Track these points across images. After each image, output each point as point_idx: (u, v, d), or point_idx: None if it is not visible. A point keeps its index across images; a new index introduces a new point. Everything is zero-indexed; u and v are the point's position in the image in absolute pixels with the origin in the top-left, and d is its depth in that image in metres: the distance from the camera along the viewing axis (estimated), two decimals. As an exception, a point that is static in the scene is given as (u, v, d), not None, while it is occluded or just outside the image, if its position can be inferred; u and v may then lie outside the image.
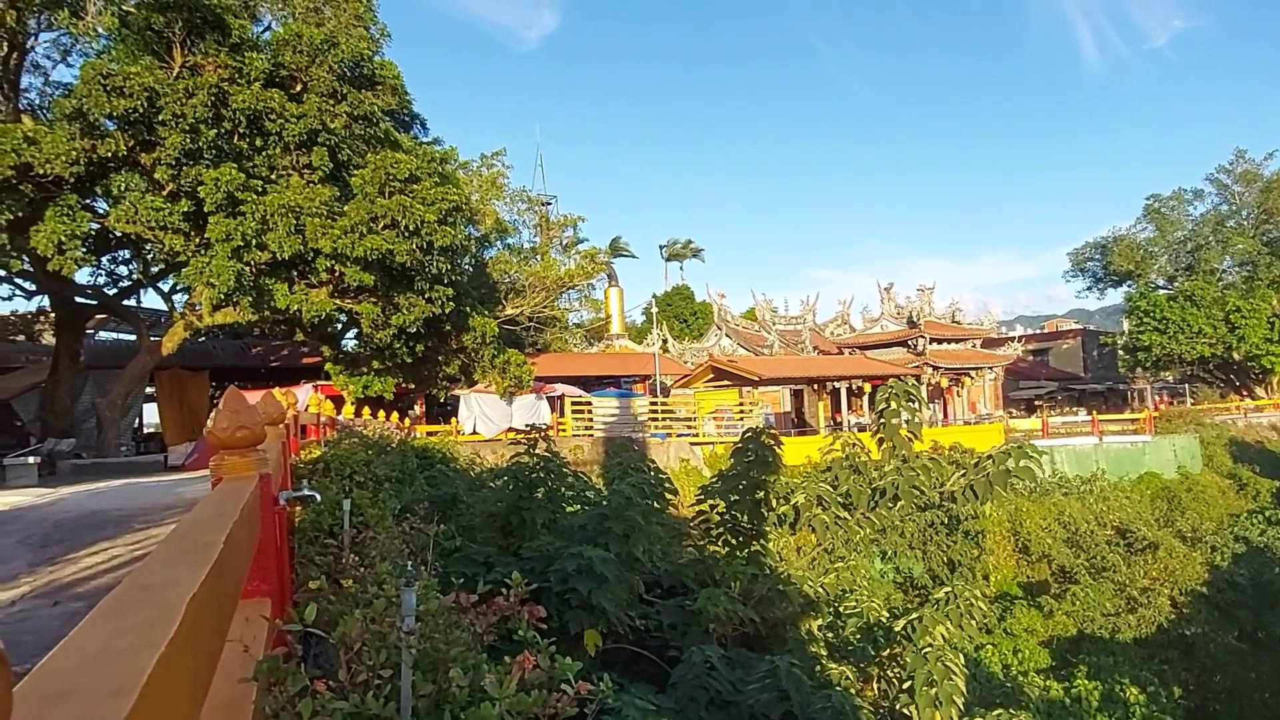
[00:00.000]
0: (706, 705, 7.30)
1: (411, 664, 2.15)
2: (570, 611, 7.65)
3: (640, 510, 8.36)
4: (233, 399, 2.96)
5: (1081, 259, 58.61)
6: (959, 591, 8.66)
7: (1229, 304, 47.09)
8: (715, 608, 8.11)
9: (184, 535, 1.78)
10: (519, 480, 9.42)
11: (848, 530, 9.30)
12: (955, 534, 20.87)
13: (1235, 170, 52.19)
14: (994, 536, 24.28)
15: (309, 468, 7.62)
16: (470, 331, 25.31)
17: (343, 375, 24.85)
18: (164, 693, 0.94)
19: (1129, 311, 53.10)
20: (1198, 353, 47.83)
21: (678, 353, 46.84)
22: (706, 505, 9.59)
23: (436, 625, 2.27)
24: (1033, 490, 28.85)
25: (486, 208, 35.90)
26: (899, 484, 8.89)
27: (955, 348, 45.52)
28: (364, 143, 21.30)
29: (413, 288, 21.20)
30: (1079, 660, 18.38)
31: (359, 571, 3.88)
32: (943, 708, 6.86)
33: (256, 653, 2.10)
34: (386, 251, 19.51)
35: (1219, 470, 37.31)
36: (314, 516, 5.14)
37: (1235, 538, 28.85)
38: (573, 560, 7.63)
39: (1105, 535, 24.95)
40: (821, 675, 8.22)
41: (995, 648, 18.46)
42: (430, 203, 20.26)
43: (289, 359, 31.84)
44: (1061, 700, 15.64)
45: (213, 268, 18.26)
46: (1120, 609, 21.20)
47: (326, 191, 19.79)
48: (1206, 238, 52.13)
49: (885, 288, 49.31)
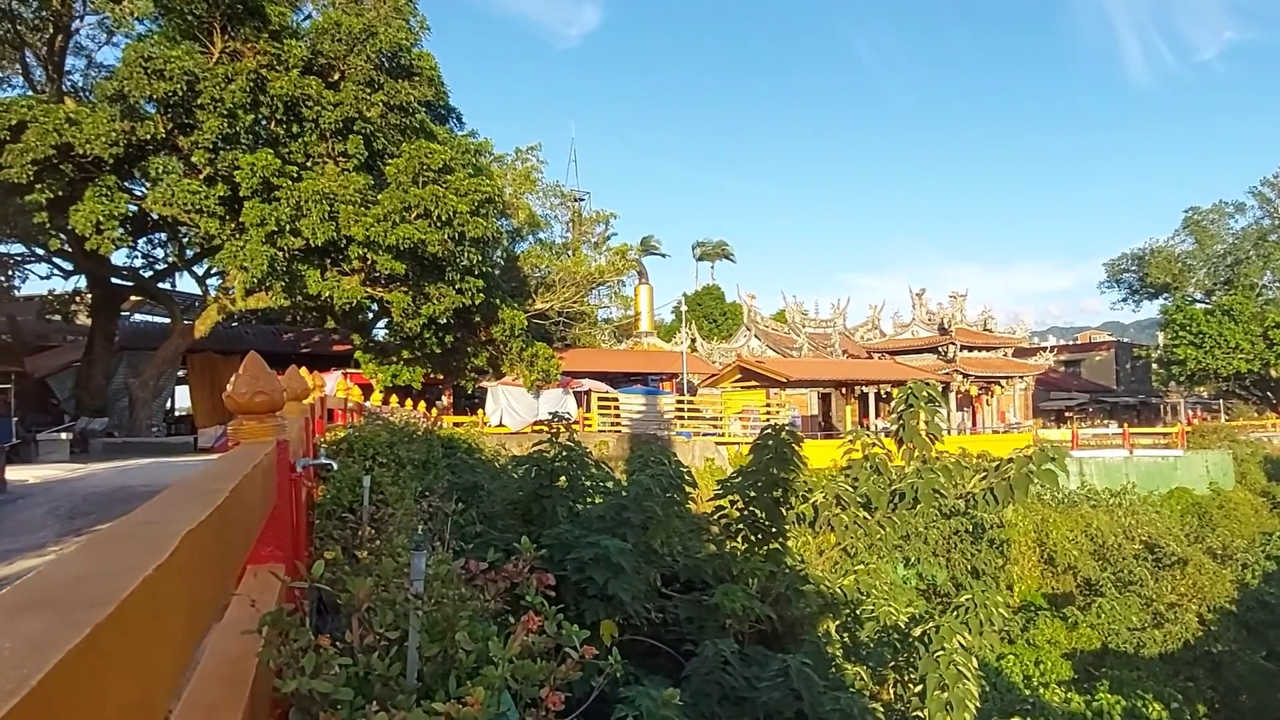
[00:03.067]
0: (719, 701, 7.25)
1: (419, 627, 2.14)
2: (586, 601, 7.64)
3: (659, 502, 8.33)
4: (253, 364, 2.97)
5: (1118, 270, 57.65)
6: (979, 599, 8.53)
7: (1269, 320, 46.03)
8: (732, 604, 8.06)
9: (191, 484, 1.79)
10: (541, 468, 9.43)
11: (868, 531, 9.20)
12: (980, 542, 20.60)
13: (1279, 184, 51.02)
14: (1019, 546, 23.93)
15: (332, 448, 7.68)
16: (499, 324, 25.44)
17: (372, 364, 25.09)
18: (146, 615, 0.92)
19: (1164, 324, 52.10)
20: (1234, 368, 46.82)
21: (706, 352, 46.73)
22: (725, 501, 9.53)
23: (446, 591, 2.26)
24: (1060, 501, 28.41)
25: (519, 201, 36.05)
26: (918, 486, 8.76)
27: (986, 356, 44.93)
28: (399, 132, 21.48)
29: (443, 278, 21.34)
30: (1102, 674, 18.05)
31: (375, 544, 3.90)
32: (954, 712, 6.76)
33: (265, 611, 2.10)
34: (419, 241, 19.66)
35: (1252, 488, 36.51)
36: (334, 493, 5.17)
37: (1267, 556, 28.17)
38: (590, 549, 7.61)
39: (1133, 549, 24.47)
40: (836, 676, 8.14)
41: (1017, 658, 18.18)
42: (463, 194, 20.38)
43: (320, 346, 32.21)
44: (1083, 713, 15.35)
45: (246, 252, 18.52)
46: (1146, 624, 20.81)
47: (361, 180, 19.99)
48: (1247, 252, 51.03)
49: (917, 293, 48.80)
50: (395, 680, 1.99)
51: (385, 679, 1.96)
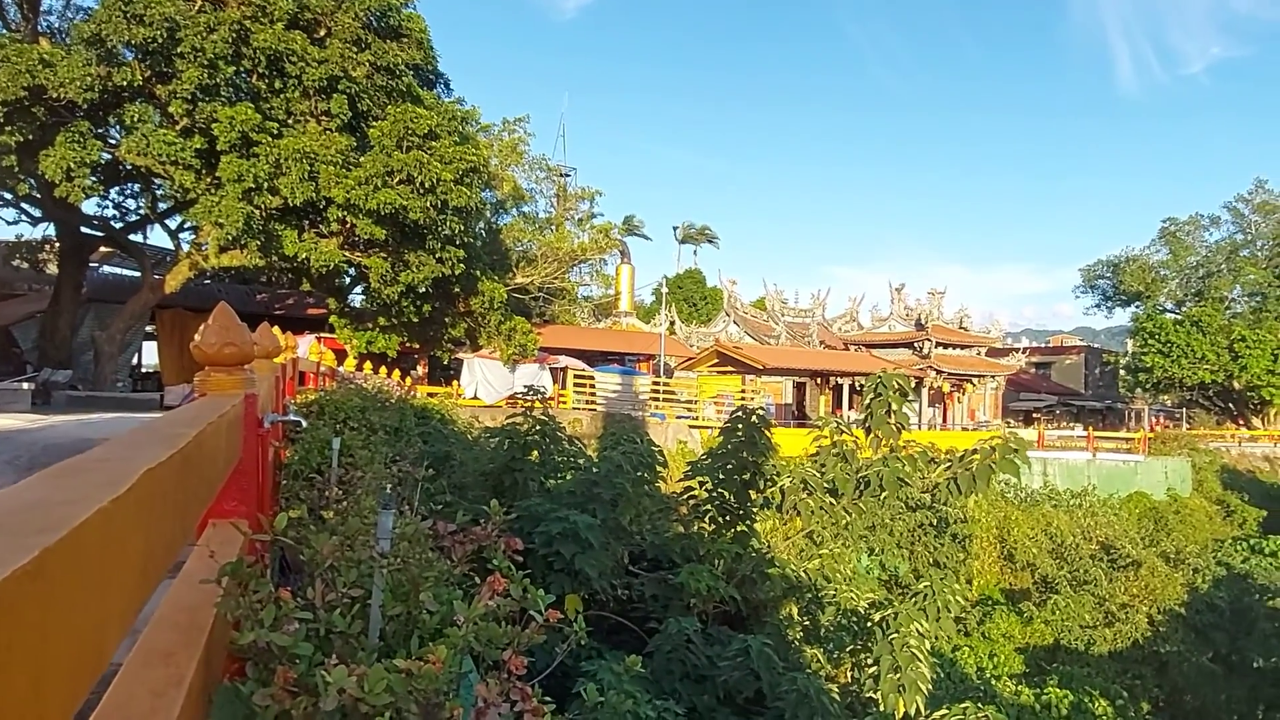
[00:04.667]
0: (681, 678, 7.32)
1: (383, 586, 2.12)
2: (553, 575, 7.65)
3: (630, 480, 8.34)
4: (223, 315, 2.91)
5: (1093, 275, 58.42)
6: (938, 587, 8.65)
7: (1235, 333, 46.95)
8: (698, 583, 8.11)
9: (154, 427, 1.74)
10: (514, 441, 9.40)
11: (834, 517, 9.28)
12: (943, 536, 20.85)
13: (1254, 200, 51.88)
14: (981, 542, 24.34)
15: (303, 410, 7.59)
16: (479, 296, 25.24)
17: (347, 329, 24.82)
18: (99, 547, 0.89)
19: (1134, 332, 52.97)
20: (1199, 378, 47.76)
21: (684, 335, 46.78)
22: (695, 482, 9.57)
23: (412, 551, 2.24)
24: (1023, 500, 28.91)
25: (505, 173, 35.70)
26: (883, 474, 8.86)
27: (960, 354, 45.43)
28: (385, 94, 21.12)
29: (424, 246, 21.11)
30: (1052, 669, 18.45)
31: (342, 505, 3.85)
32: (907, 694, 6.87)
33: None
34: (400, 207, 19.41)
35: (1208, 495, 37.39)
36: (303, 454, 5.11)
37: (1218, 562, 28.90)
38: (558, 524, 7.61)
39: (1090, 549, 24.98)
40: (795, 658, 8.24)
41: (972, 650, 18.54)
42: (448, 161, 20.12)
43: (294, 308, 31.80)
44: (1031, 706, 15.71)
45: (222, 208, 18.19)
46: (1098, 622, 21.28)
47: (343, 140, 19.67)
48: (1219, 265, 51.92)
49: (897, 288, 49.17)
50: (356, 638, 1.97)
51: (346, 636, 1.94)
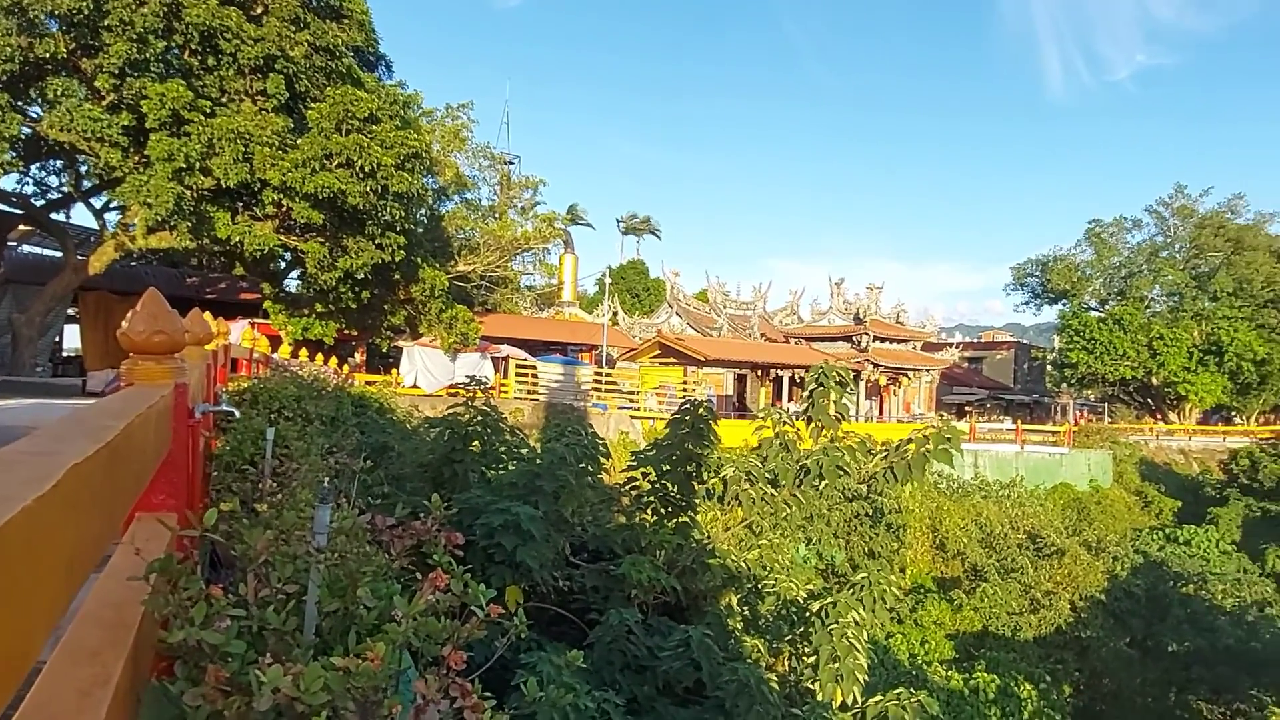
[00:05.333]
0: (621, 669, 7.35)
1: (319, 582, 2.08)
2: (493, 567, 7.59)
3: (573, 471, 8.32)
4: (152, 301, 2.81)
5: (1023, 273, 60.22)
6: (874, 578, 8.86)
7: (1154, 331, 48.97)
8: (639, 574, 8.15)
9: (80, 419, 1.68)
10: (454, 432, 9.28)
11: (774, 507, 9.42)
12: (878, 526, 21.38)
13: (1173, 204, 54.09)
14: (914, 532, 24.99)
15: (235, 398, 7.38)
16: (419, 283, 24.84)
17: (282, 315, 24.18)
18: (23, 547, 0.86)
19: (1061, 329, 54.82)
20: (1120, 374, 49.71)
21: (627, 326, 46.83)
22: (638, 473, 9.60)
23: (350, 546, 2.20)
24: (954, 491, 29.78)
25: (447, 159, 35.11)
26: (823, 463, 9.03)
27: (897, 348, 46.44)
28: (324, 76, 20.59)
29: (363, 232, 20.68)
30: (981, 654, 19.08)
31: (276, 498, 3.77)
32: (844, 683, 7.03)
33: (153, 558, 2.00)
34: (339, 191, 18.97)
35: (1127, 486, 39.07)
36: (235, 444, 4.97)
37: (1136, 550, 30.24)
38: (500, 515, 7.56)
39: (1017, 538, 25.88)
40: (735, 648, 8.35)
41: (904, 637, 19.05)
42: (389, 145, 19.73)
43: (226, 293, 30.84)
44: (961, 691, 16.24)
45: (151, 188, 17.52)
46: (1024, 609, 22.06)
47: (280, 121, 19.12)
48: (1140, 266, 54.04)
49: (836, 283, 49.93)
50: (292, 635, 1.93)
51: (281, 633, 1.90)
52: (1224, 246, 51.28)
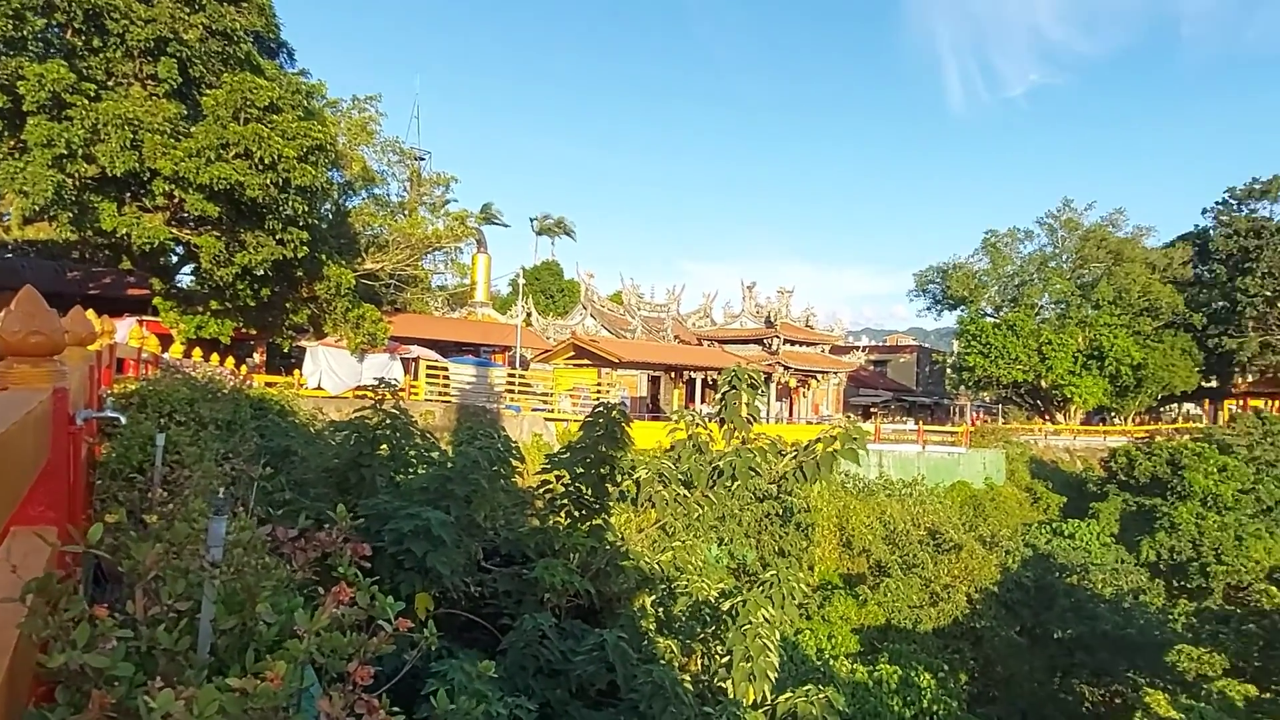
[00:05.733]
0: (534, 674, 7.27)
1: (215, 598, 1.96)
2: (402, 574, 7.39)
3: (485, 474, 8.19)
4: (28, 299, 2.61)
5: (924, 280, 62.69)
6: (784, 575, 9.04)
7: (1043, 337, 51.77)
8: (552, 578, 8.08)
9: (-57, 427, 1.53)
10: (361, 435, 9.00)
11: (687, 508, 9.50)
12: (788, 525, 21.84)
13: (1061, 216, 57.31)
14: (822, 530, 25.65)
15: (122, 401, 6.96)
16: (324, 281, 24.01)
17: (173, 312, 22.97)
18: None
19: (959, 334, 57.33)
20: (1012, 377, 52.32)
21: (541, 328, 46.51)
22: (551, 476, 9.53)
23: (248, 560, 2.09)
24: (860, 490, 30.73)
25: (354, 153, 34.10)
26: (736, 465, 9.17)
27: (806, 350, 47.64)
28: (221, 62, 19.68)
29: (263, 226, 19.85)
30: (884, 647, 19.72)
31: (167, 508, 3.56)
32: (756, 682, 7.14)
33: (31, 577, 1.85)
34: (236, 183, 18.15)
35: (1019, 484, 41.14)
36: (121, 450, 4.68)
37: (1026, 544, 31.91)
38: (409, 521, 7.37)
39: (919, 535, 26.88)
40: (649, 649, 8.38)
41: (813, 633, 19.52)
42: (291, 137, 19.01)
43: (111, 288, 29.10)
44: (865, 683, 16.75)
45: (28, 175, 16.39)
46: (924, 602, 22.93)
47: (172, 108, 18.18)
48: (1031, 275, 57.02)
49: (748, 286, 50.85)
50: (184, 655, 1.81)
51: (172, 653, 1.78)
52: (1105, 258, 54.65)
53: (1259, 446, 39.15)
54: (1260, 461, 37.93)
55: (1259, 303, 52.63)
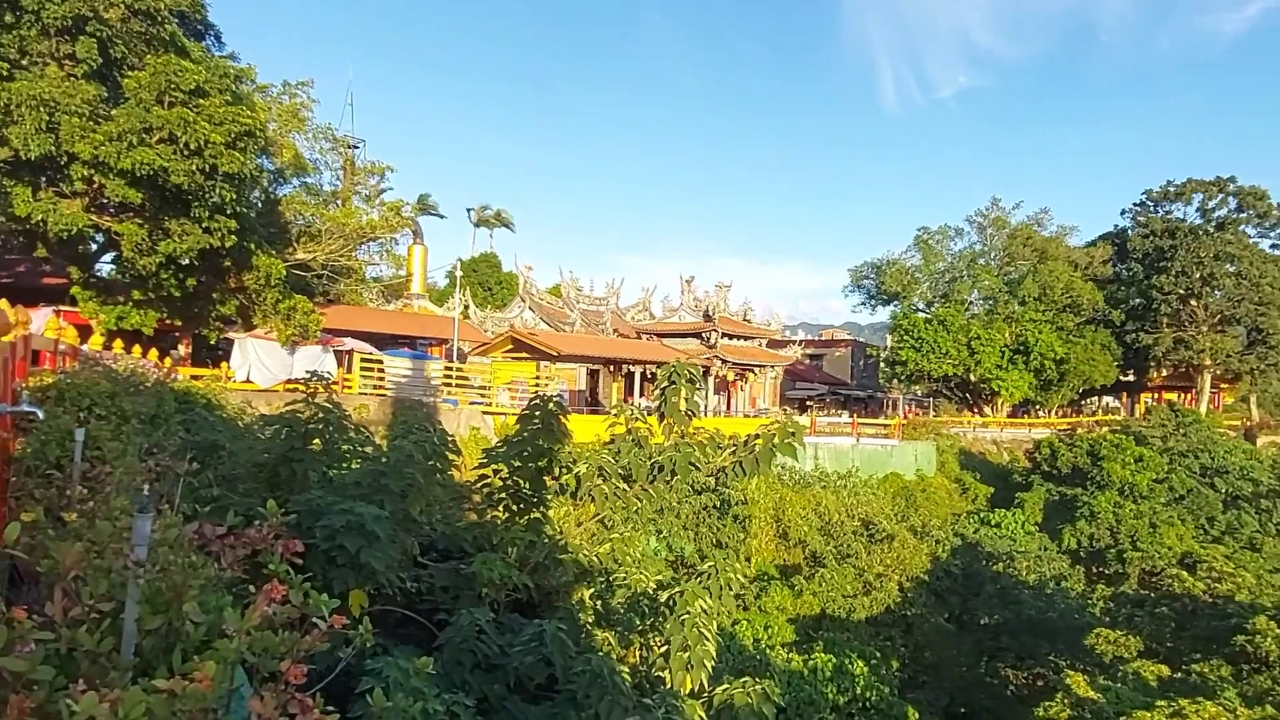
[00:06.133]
0: (472, 669, 7.22)
1: (139, 597, 1.91)
2: (336, 570, 7.25)
3: (421, 469, 8.08)
4: (-64, 287, 2.49)
5: (859, 276, 64.00)
6: (721, 566, 9.16)
7: (972, 331, 53.40)
8: (490, 572, 8.03)
9: None
10: (293, 429, 8.77)
11: (626, 501, 9.54)
12: (726, 518, 22.14)
13: (990, 215, 59.16)
14: (759, 522, 26.02)
15: (38, 395, 6.66)
16: (253, 271, 23.27)
17: (93, 302, 21.99)
18: None
19: (892, 329, 58.74)
20: (943, 371, 53.86)
21: (479, 320, 46.00)
22: (489, 470, 9.46)
23: (173, 558, 2.03)
24: (796, 482, 31.26)
25: (284, 140, 33.11)
26: (675, 459, 9.24)
27: (744, 344, 48.17)
28: (143, 42, 18.91)
29: (189, 214, 19.14)
30: (819, 636, 20.15)
31: (88, 506, 3.44)
32: (694, 671, 7.23)
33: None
34: (160, 168, 17.47)
35: (948, 475, 42.40)
36: (37, 446, 4.49)
37: (955, 533, 32.94)
38: (343, 516, 7.23)
39: (853, 526, 27.49)
40: (587, 641, 8.40)
41: (750, 623, 19.81)
42: (218, 122, 18.37)
43: (26, 277, 27.72)
44: (801, 671, 17.08)
45: (-67, 156, 15.51)
46: (858, 591, 23.48)
47: (91, 89, 17.41)
48: (961, 271, 58.74)
49: (687, 280, 51.14)
50: (107, 656, 1.76)
51: (95, 655, 1.73)
52: (1031, 256, 56.62)
53: (1172, 438, 41.14)
54: (1173, 452, 39.87)
55: (1173, 300, 55.22)
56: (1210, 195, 57.42)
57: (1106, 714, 14.63)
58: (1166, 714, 13.23)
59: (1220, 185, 57.05)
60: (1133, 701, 14.64)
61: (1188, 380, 60.30)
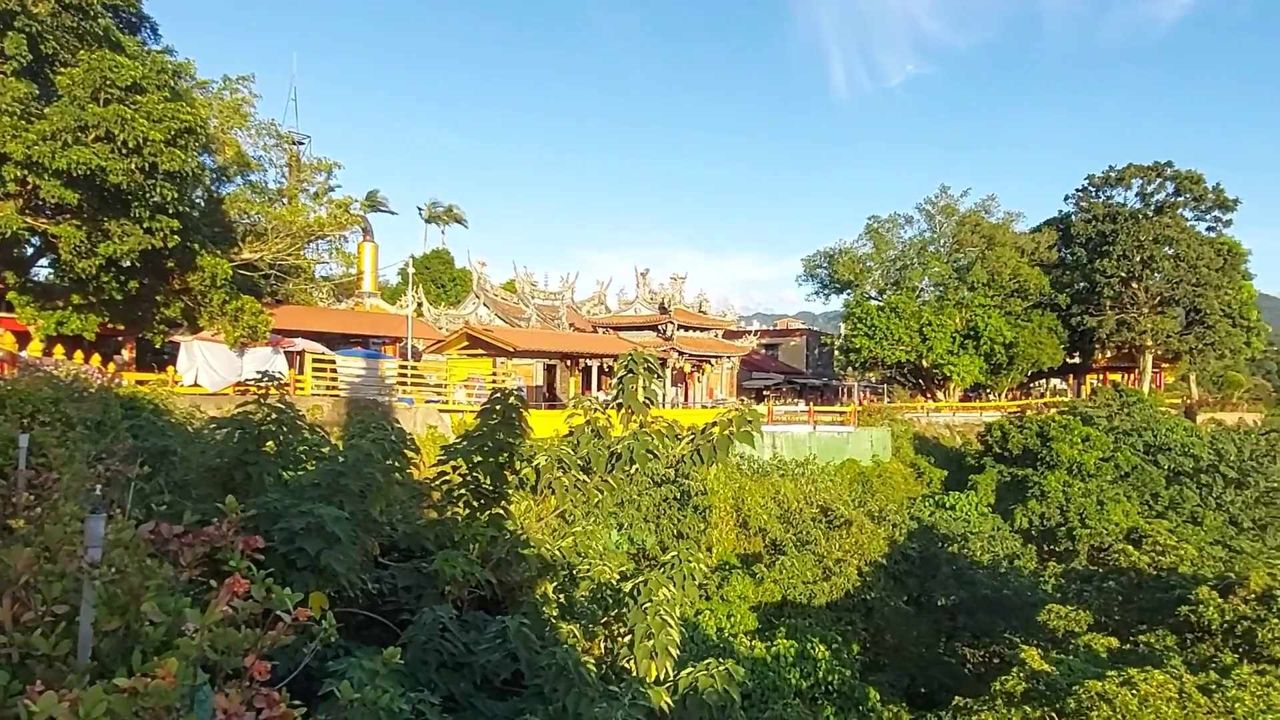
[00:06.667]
0: (438, 667, 7.16)
1: (94, 600, 1.87)
2: (295, 574, 7.14)
3: (379, 468, 7.99)
4: None
5: (812, 265, 64.68)
6: (683, 556, 9.22)
7: (923, 318, 54.38)
8: (452, 570, 7.98)
9: None
10: (245, 432, 8.60)
11: (586, 494, 9.55)
12: (686, 508, 22.28)
13: (939, 203, 60.21)
14: (719, 512, 26.22)
15: (-25, 403, 6.44)
16: (198, 272, 22.70)
17: (30, 308, 21.25)
18: None
19: (846, 317, 59.53)
20: (896, 358, 54.78)
21: (433, 318, 45.50)
22: (449, 467, 9.38)
23: (130, 559, 1.99)
24: (755, 471, 31.56)
25: (227, 137, 32.34)
26: (634, 448, 9.27)
27: (700, 336, 48.43)
28: (76, 38, 18.30)
29: (129, 214, 18.60)
30: (781, 622, 20.40)
31: (35, 513, 3.34)
32: (658, 658, 7.27)
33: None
34: (97, 168, 16.95)
35: (904, 460, 43.17)
36: (-23, 454, 4.35)
37: (911, 517, 33.58)
38: (301, 518, 7.11)
39: (811, 513, 27.83)
40: (552, 635, 8.40)
41: (712, 612, 19.97)
42: (157, 119, 17.86)
43: (-44, 283, 26.70)
44: (764, 658, 17.29)
45: None
46: (818, 577, 23.80)
47: (22, 87, 16.80)
48: (912, 259, 59.72)
49: (642, 273, 51.22)
50: (64, 660, 1.72)
51: (51, 659, 1.69)
52: (979, 242, 57.78)
53: (1117, 417, 42.41)
54: (1118, 431, 41.10)
55: (1115, 283, 56.84)
56: (1149, 180, 59.17)
57: (1060, 685, 15.04)
58: (1117, 683, 13.65)
59: (1158, 170, 58.80)
60: (1085, 673, 15.08)
61: (1130, 361, 62.15)
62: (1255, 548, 32.92)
